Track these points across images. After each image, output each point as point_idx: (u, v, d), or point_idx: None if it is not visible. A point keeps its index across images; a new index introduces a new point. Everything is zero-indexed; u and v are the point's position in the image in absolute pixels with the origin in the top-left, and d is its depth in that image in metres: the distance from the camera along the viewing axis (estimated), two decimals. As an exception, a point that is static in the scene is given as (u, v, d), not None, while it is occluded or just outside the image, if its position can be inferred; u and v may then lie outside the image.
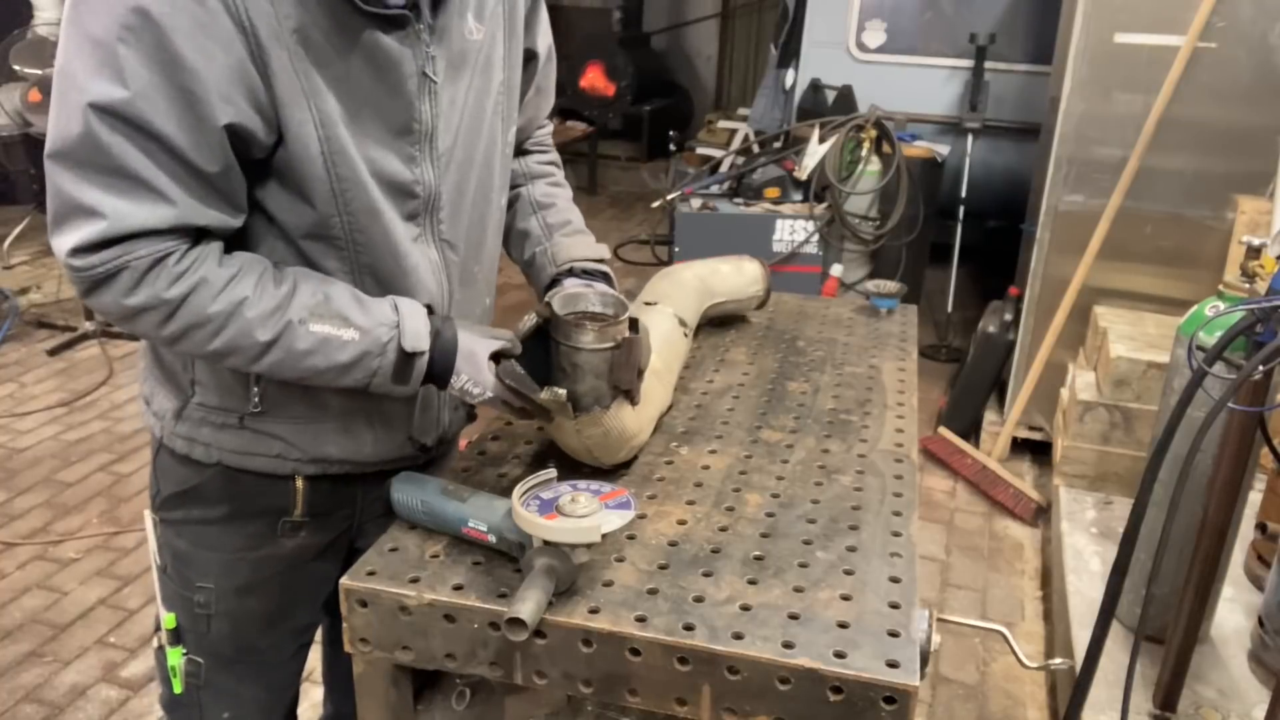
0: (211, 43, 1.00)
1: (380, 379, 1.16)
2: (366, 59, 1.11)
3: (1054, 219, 3.59)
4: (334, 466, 1.31)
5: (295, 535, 1.33)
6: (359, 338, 1.13)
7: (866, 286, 2.17)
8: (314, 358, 1.12)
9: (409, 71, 1.14)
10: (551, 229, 1.49)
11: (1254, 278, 1.95)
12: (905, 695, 0.96)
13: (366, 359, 1.14)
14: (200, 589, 1.33)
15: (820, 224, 4.15)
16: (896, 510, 1.28)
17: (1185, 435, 1.77)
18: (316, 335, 1.11)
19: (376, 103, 1.13)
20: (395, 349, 1.15)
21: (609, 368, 1.22)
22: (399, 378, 1.17)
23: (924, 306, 5.01)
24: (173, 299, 1.05)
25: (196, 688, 1.37)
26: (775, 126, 5.50)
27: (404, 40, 1.13)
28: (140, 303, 1.05)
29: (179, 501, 1.31)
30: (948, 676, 2.68)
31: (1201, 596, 2.01)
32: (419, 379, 1.18)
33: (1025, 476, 3.73)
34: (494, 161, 1.32)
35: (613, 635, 1.03)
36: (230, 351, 1.10)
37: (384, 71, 1.13)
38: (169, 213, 1.03)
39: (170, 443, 1.28)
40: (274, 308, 1.10)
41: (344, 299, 1.15)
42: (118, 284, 1.04)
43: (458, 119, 1.23)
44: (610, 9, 8.50)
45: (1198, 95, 3.30)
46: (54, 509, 3.36)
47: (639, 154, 8.59)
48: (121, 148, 0.99)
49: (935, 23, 5.53)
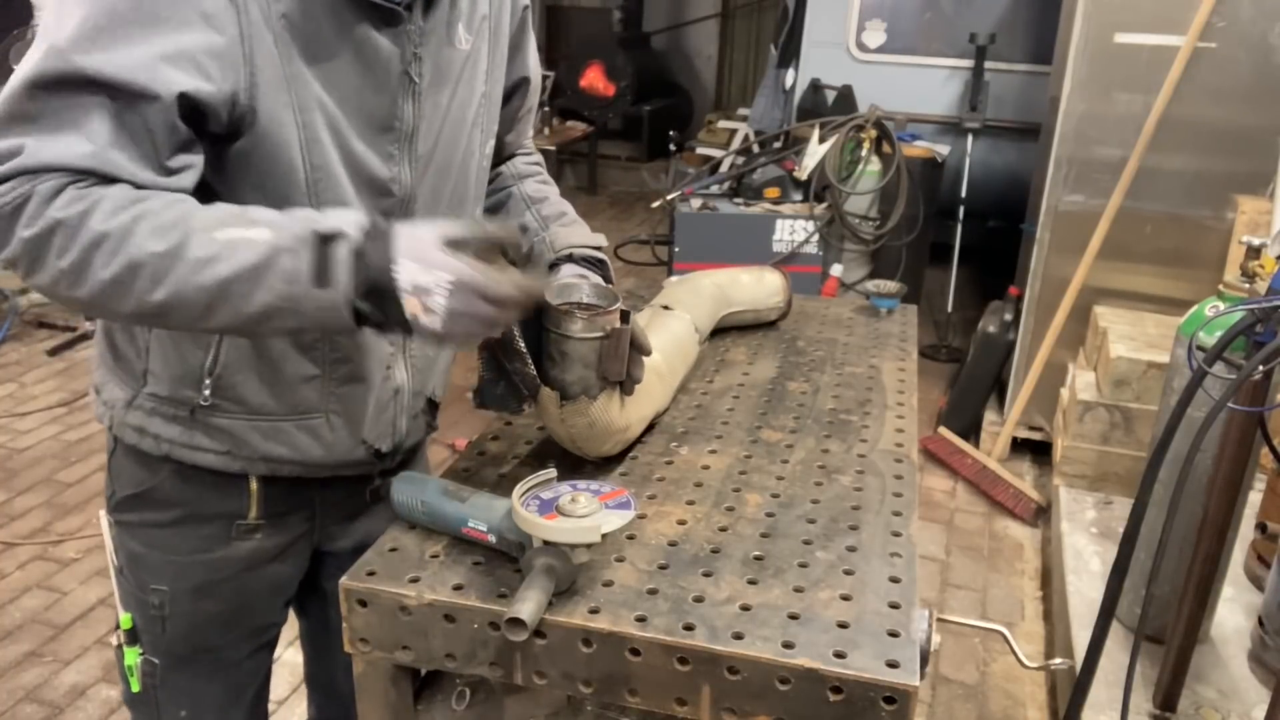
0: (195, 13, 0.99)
1: (299, 286, 0.97)
2: (355, 52, 1.10)
3: (1054, 219, 3.59)
4: (284, 468, 1.28)
5: (250, 538, 1.32)
6: (269, 235, 0.98)
7: (866, 286, 2.17)
8: (217, 266, 0.96)
9: (394, 70, 1.14)
10: (547, 220, 1.50)
11: (1254, 278, 1.95)
12: (905, 695, 0.96)
13: (278, 257, 0.97)
14: (155, 591, 1.32)
15: (820, 224, 4.15)
16: (896, 510, 1.28)
17: (1185, 435, 1.77)
18: (219, 240, 0.97)
19: (360, 97, 1.12)
20: (312, 238, 0.97)
21: (597, 358, 1.22)
22: (320, 278, 0.97)
23: (924, 306, 5.01)
24: (68, 217, 0.96)
25: (153, 687, 1.37)
26: (775, 126, 5.50)
27: (394, 38, 1.13)
28: (40, 227, 0.96)
29: (133, 504, 1.30)
30: (948, 676, 2.68)
31: (1201, 596, 2.01)
32: (346, 277, 0.97)
33: (1025, 476, 3.73)
34: (470, 170, 1.32)
35: (613, 635, 1.03)
36: (130, 275, 0.97)
37: (370, 67, 1.12)
38: (85, 152, 0.97)
39: (120, 433, 1.27)
40: (176, 218, 0.98)
41: (264, 212, 1.03)
42: (23, 215, 0.97)
43: (439, 124, 1.22)
44: (610, 9, 8.50)
45: (1198, 95, 3.30)
46: (54, 509, 3.36)
47: (639, 154, 8.60)
48: (59, 91, 0.96)
49: (935, 23, 5.53)
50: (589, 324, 1.21)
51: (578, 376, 1.23)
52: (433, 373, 1.40)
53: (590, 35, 8.64)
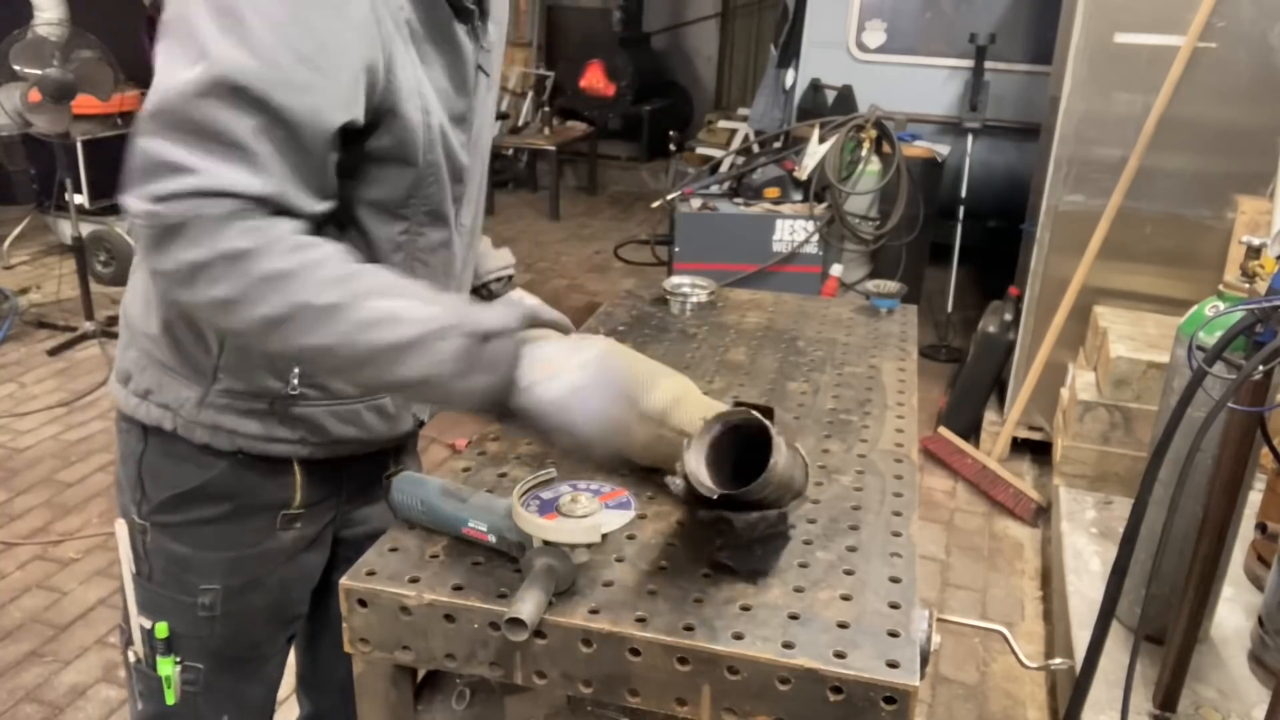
0: (349, 30, 1.01)
1: (448, 365, 1.00)
2: (450, 50, 1.16)
3: (1054, 219, 3.59)
4: (343, 448, 1.31)
5: (292, 527, 1.34)
6: (433, 315, 1.01)
7: (866, 286, 2.17)
8: (378, 330, 1.00)
9: (470, 64, 1.20)
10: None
11: (1254, 278, 1.95)
12: (905, 695, 0.96)
13: (433, 339, 1.00)
14: (205, 591, 1.31)
15: (820, 224, 4.15)
16: (896, 510, 1.28)
17: (1185, 435, 1.77)
18: (381, 308, 1.00)
19: (454, 94, 1.19)
20: (466, 329, 1.00)
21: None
22: (466, 363, 1.01)
23: (924, 306, 5.01)
24: (237, 251, 0.97)
25: (194, 695, 1.35)
26: (775, 126, 5.50)
27: (469, 35, 1.19)
28: (207, 254, 0.97)
29: (179, 503, 1.28)
30: (948, 676, 2.68)
31: (1201, 596, 2.01)
32: (490, 368, 1.02)
33: (1025, 476, 3.73)
34: (488, 154, 1.39)
35: (613, 635, 1.03)
36: (288, 318, 0.99)
37: (458, 63, 1.18)
38: (261, 183, 0.98)
39: (187, 433, 1.24)
40: (345, 275, 1.02)
41: (416, 286, 1.08)
42: (186, 235, 0.97)
43: (483, 112, 1.29)
44: (610, 9, 8.50)
45: (1198, 95, 3.30)
46: (54, 509, 3.36)
47: (639, 154, 8.60)
48: (233, 118, 0.96)
49: (935, 23, 5.53)
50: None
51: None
52: None
53: (590, 35, 8.65)
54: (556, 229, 7.08)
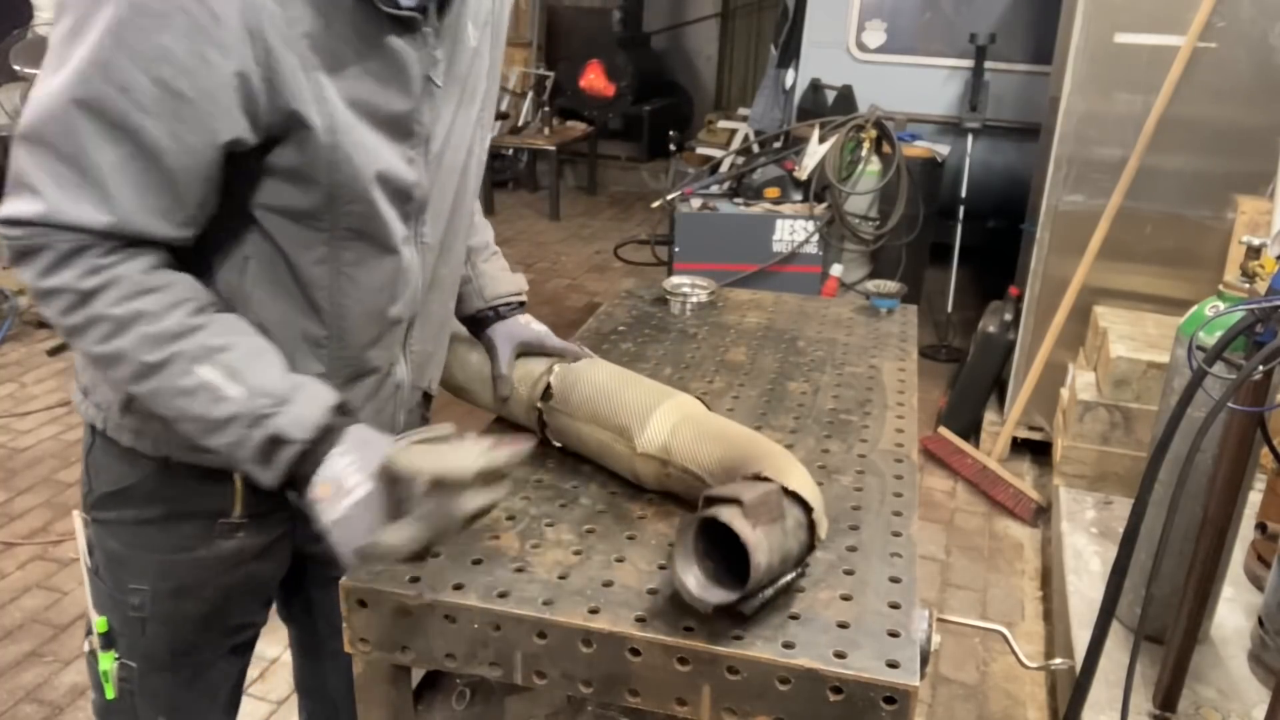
0: (211, 48, 0.97)
1: (245, 452, 1.05)
2: (379, 62, 1.10)
3: (1054, 219, 3.59)
4: None
5: (233, 536, 1.29)
6: (239, 397, 1.04)
7: (866, 286, 2.17)
8: (189, 400, 1.04)
9: (415, 74, 1.13)
10: (471, 252, 1.49)
11: (1254, 278, 1.95)
12: (905, 695, 0.96)
13: (235, 424, 1.04)
14: (134, 591, 1.29)
15: (820, 224, 4.15)
16: (896, 510, 1.28)
17: (1185, 435, 1.77)
18: (199, 378, 1.04)
19: (385, 106, 1.12)
20: (268, 429, 1.04)
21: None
22: (263, 458, 1.05)
23: (924, 306, 5.01)
24: (81, 290, 1.01)
25: (130, 693, 1.34)
26: (775, 126, 5.50)
27: (412, 43, 1.12)
28: (54, 285, 1.01)
29: (114, 500, 1.27)
30: (948, 676, 2.68)
31: (1201, 596, 2.01)
32: (279, 473, 1.06)
33: (1025, 476, 3.73)
34: (470, 168, 1.31)
35: (613, 635, 1.03)
36: (114, 361, 1.04)
37: (394, 74, 1.11)
38: (105, 219, 0.99)
39: (116, 434, 1.24)
40: (172, 334, 1.03)
41: (249, 354, 1.07)
42: (38, 261, 1.01)
43: (448, 124, 1.22)
44: (610, 9, 8.50)
45: (1198, 95, 3.30)
46: (54, 509, 3.36)
47: (639, 154, 8.61)
48: (90, 141, 0.97)
49: (935, 23, 5.53)
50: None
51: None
52: (430, 366, 1.39)
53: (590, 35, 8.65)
54: (556, 229, 7.08)
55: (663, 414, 1.28)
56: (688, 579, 1.01)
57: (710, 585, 1.01)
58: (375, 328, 1.23)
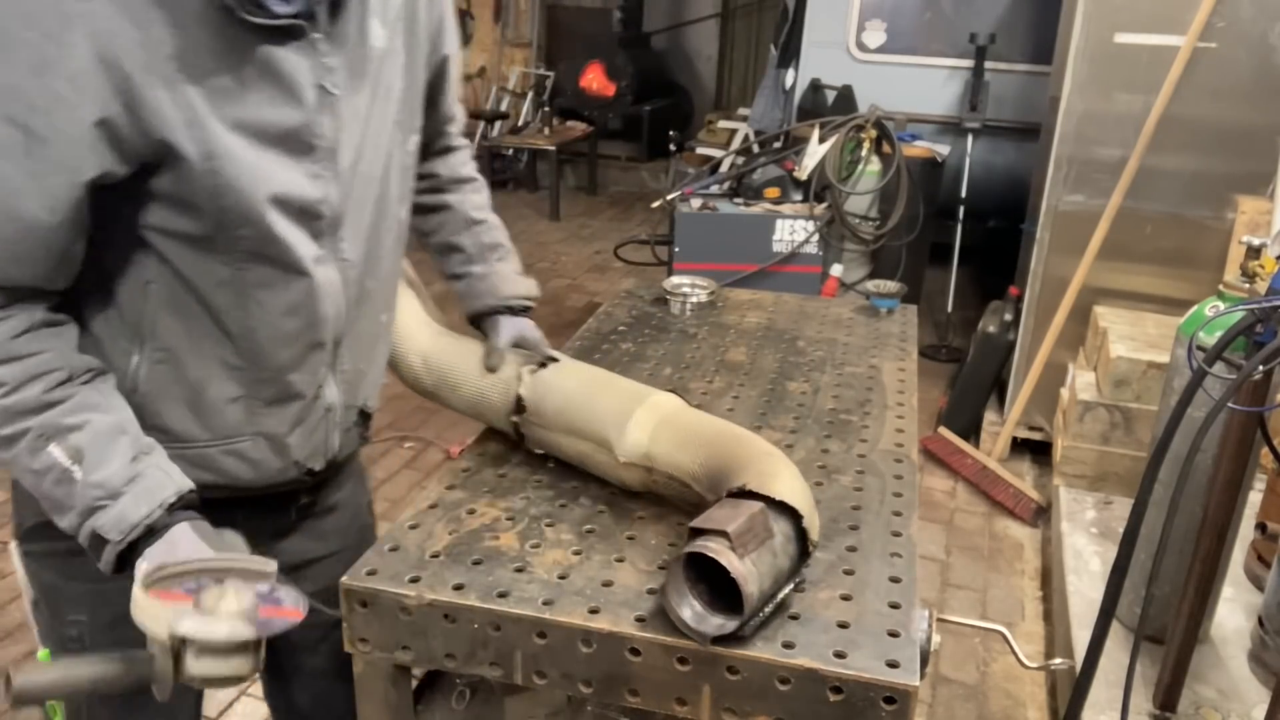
0: (61, 82, 0.91)
1: (81, 539, 1.05)
2: (261, 76, 1.02)
3: (1054, 219, 3.59)
4: (212, 492, 1.18)
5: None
6: (78, 486, 1.02)
7: (866, 286, 2.17)
8: (37, 478, 1.03)
9: (305, 85, 1.06)
10: (485, 252, 1.49)
11: (1254, 278, 1.95)
12: (905, 695, 0.96)
13: (72, 512, 1.03)
14: (73, 622, 1.25)
15: (820, 224, 4.15)
16: (896, 510, 1.28)
17: (1185, 435, 1.77)
18: (48, 458, 1.02)
19: (275, 122, 1.05)
20: (94, 525, 1.03)
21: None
22: (92, 550, 1.05)
23: (924, 306, 5.01)
24: None
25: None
26: (775, 126, 5.50)
27: (299, 51, 1.04)
28: None
29: (42, 532, 1.19)
30: (948, 676, 2.68)
31: (1201, 596, 2.01)
32: (109, 565, 1.05)
33: (1025, 476, 3.73)
34: (392, 174, 1.23)
35: (613, 635, 1.03)
36: None
37: (280, 87, 1.04)
38: None
39: None
40: (27, 409, 1.01)
41: (99, 435, 1.04)
42: None
43: (359, 132, 1.14)
44: (610, 9, 8.51)
45: (1198, 95, 3.30)
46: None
47: (639, 154, 8.60)
48: None
49: (935, 23, 5.53)
50: None
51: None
52: (364, 384, 1.31)
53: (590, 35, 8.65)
54: (556, 229, 7.08)
55: (640, 419, 1.26)
56: (684, 612, 1.00)
57: (705, 615, 1.01)
58: (293, 350, 1.16)
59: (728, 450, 1.19)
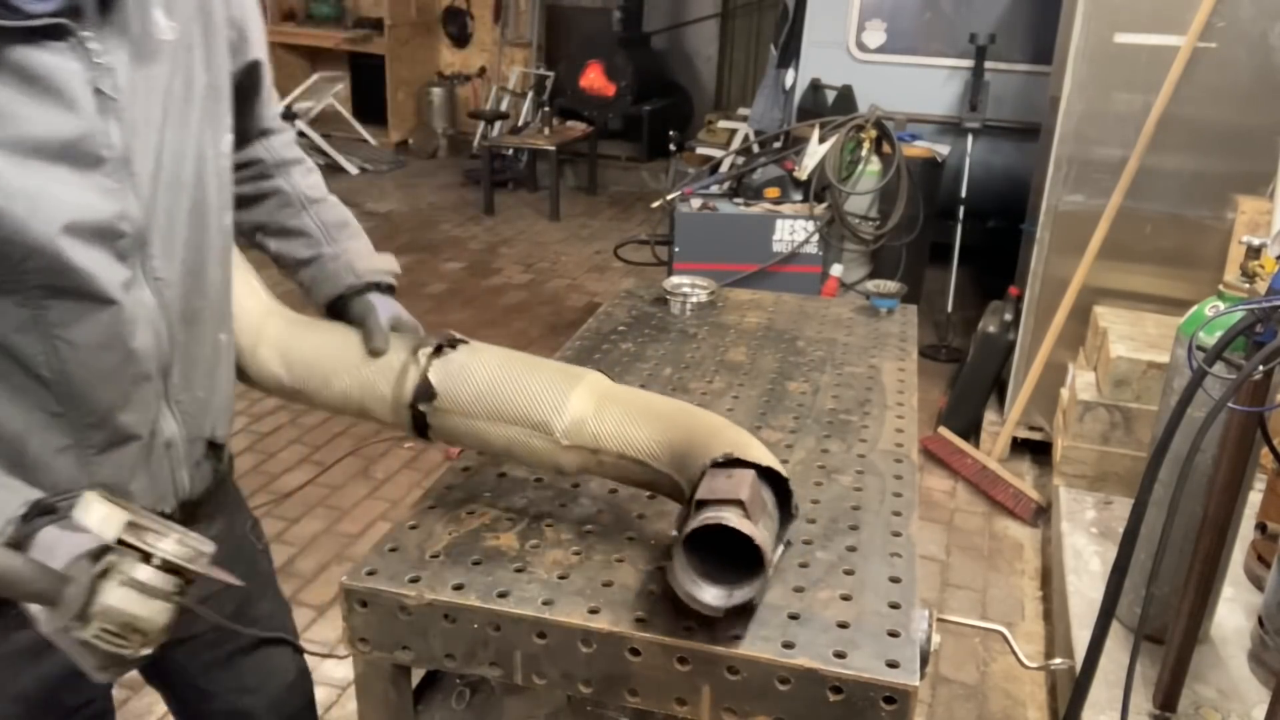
0: None
1: None
2: (20, 85, 0.91)
3: (1054, 219, 3.59)
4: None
5: (26, 626, 0.98)
6: None
7: (866, 286, 2.18)
8: None
9: (79, 89, 0.94)
10: (330, 230, 1.35)
11: (1254, 278, 1.95)
12: (905, 695, 0.96)
13: None
14: None
15: (820, 224, 4.15)
16: (896, 510, 1.28)
17: (1185, 435, 1.77)
18: None
19: (48, 136, 0.93)
20: None
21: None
22: None
23: (924, 306, 5.00)
24: None
25: None
26: (775, 126, 5.50)
27: (66, 53, 0.93)
28: None
29: None
30: (948, 676, 2.68)
31: (1201, 596, 2.01)
32: None
33: (1025, 476, 3.73)
34: (208, 179, 1.12)
35: (612, 635, 1.03)
36: None
37: (48, 96, 0.93)
38: None
39: None
40: None
41: None
42: None
43: (156, 136, 1.03)
44: (610, 9, 8.50)
45: (1198, 95, 3.30)
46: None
47: (639, 154, 8.60)
48: None
49: (935, 23, 5.53)
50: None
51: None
52: (208, 413, 1.21)
53: (590, 35, 8.64)
54: (556, 229, 7.08)
55: (579, 399, 1.17)
56: (702, 593, 0.99)
57: (726, 591, 0.99)
58: (117, 388, 1.06)
59: (686, 424, 1.14)
